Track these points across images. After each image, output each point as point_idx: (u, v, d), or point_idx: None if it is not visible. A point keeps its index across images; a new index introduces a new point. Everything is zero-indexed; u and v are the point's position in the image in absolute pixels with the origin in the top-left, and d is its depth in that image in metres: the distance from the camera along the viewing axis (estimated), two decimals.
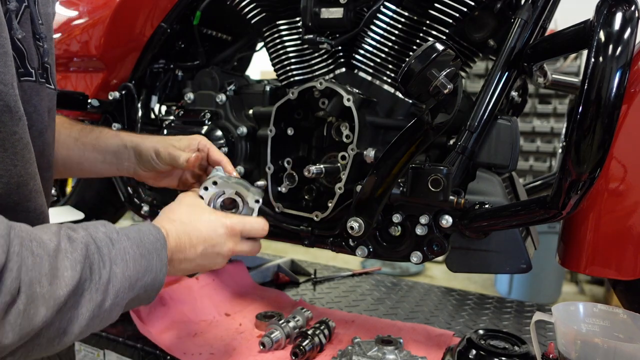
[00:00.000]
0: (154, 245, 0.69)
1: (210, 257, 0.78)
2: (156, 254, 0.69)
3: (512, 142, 0.91)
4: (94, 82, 1.34)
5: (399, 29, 0.99)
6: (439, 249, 0.90)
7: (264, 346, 1.00)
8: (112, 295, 0.62)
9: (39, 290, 0.53)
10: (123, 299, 0.64)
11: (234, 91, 1.21)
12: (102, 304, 0.61)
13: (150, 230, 0.70)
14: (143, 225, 0.71)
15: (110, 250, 0.63)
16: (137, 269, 0.65)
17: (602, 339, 0.73)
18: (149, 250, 0.68)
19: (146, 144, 0.94)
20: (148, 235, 0.69)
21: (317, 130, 1.09)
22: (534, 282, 3.81)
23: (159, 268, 0.69)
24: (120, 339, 1.07)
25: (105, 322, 0.64)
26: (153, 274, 0.68)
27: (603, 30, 0.68)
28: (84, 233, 0.62)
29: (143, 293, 0.68)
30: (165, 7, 1.25)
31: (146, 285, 0.67)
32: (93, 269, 0.60)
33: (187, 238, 0.75)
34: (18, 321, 0.52)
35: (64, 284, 0.56)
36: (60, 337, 0.58)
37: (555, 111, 4.70)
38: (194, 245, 0.76)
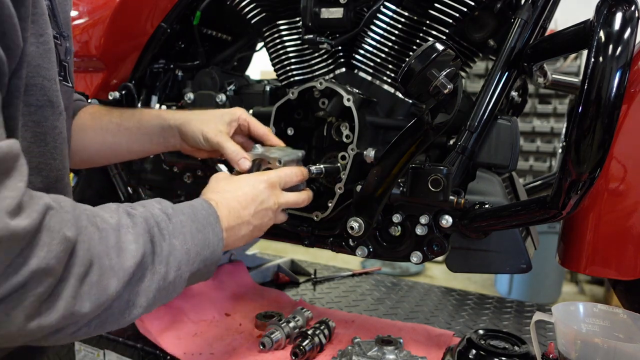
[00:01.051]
0: (207, 220, 0.71)
1: (262, 215, 0.81)
2: (211, 228, 0.71)
3: (512, 142, 0.91)
4: (94, 82, 1.34)
5: (399, 29, 0.99)
6: (439, 249, 0.90)
7: (264, 346, 1.00)
8: (174, 267, 0.64)
9: (108, 263, 0.56)
10: (185, 272, 0.66)
11: (234, 91, 1.21)
12: (166, 276, 0.63)
13: (202, 205, 0.72)
14: (194, 201, 0.73)
15: (167, 225, 0.65)
16: (194, 243, 0.67)
17: (602, 339, 0.73)
18: (204, 225, 0.70)
19: (192, 126, 0.95)
20: (201, 211, 0.71)
21: (317, 130, 1.09)
22: (534, 282, 3.81)
23: (215, 242, 0.71)
24: (120, 339, 1.07)
25: (170, 295, 0.66)
26: (211, 247, 0.70)
27: (603, 30, 0.68)
28: (142, 209, 0.64)
29: (203, 267, 0.70)
30: (165, 7, 1.25)
31: (205, 259, 0.70)
32: (154, 242, 0.62)
33: (236, 203, 0.77)
34: (93, 291, 0.54)
35: (130, 256, 0.58)
36: (129, 309, 0.60)
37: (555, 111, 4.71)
38: (245, 206, 0.78)
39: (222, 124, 0.94)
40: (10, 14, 0.51)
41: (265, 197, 0.81)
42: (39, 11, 0.60)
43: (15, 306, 0.48)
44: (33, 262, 0.48)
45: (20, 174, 0.49)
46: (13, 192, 0.47)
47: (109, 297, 0.56)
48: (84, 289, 0.53)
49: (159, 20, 1.26)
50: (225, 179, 0.84)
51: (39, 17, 0.60)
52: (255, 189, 0.81)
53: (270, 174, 0.85)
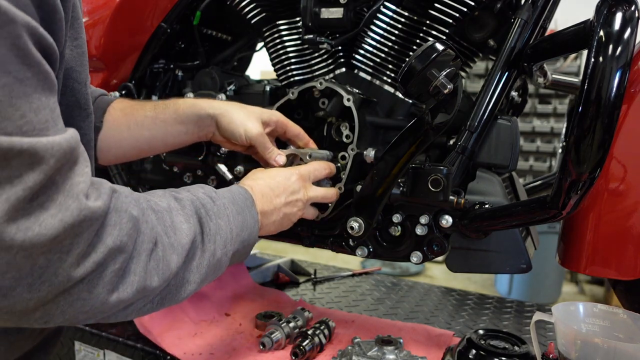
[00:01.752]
0: (245, 203, 0.75)
1: (292, 204, 0.84)
2: (248, 211, 0.75)
3: (512, 142, 0.91)
4: (94, 82, 1.34)
5: (399, 29, 0.99)
6: (439, 249, 0.90)
7: (264, 346, 1.00)
8: (221, 245, 0.68)
9: (168, 240, 0.60)
10: (229, 250, 0.70)
11: (234, 91, 1.21)
12: (214, 253, 0.67)
13: (239, 190, 0.77)
14: (232, 187, 0.78)
15: (212, 207, 0.69)
16: (236, 224, 0.71)
17: (602, 339, 0.73)
18: (242, 208, 0.74)
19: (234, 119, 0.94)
20: (239, 195, 0.75)
21: (317, 130, 1.09)
22: (534, 282, 3.81)
23: (252, 224, 0.76)
24: (120, 339, 1.07)
25: (217, 272, 0.70)
26: (249, 229, 0.75)
27: (603, 30, 0.68)
28: (187, 194, 0.68)
29: (242, 248, 0.74)
30: (165, 7, 1.25)
31: (244, 240, 0.74)
32: (202, 222, 0.66)
33: (269, 190, 0.82)
34: (160, 265, 0.58)
35: (185, 234, 0.62)
36: (185, 286, 0.64)
37: (555, 111, 4.71)
38: (278, 195, 0.82)
39: (262, 122, 0.95)
40: (60, 18, 0.52)
41: (296, 188, 0.85)
42: (76, 15, 0.61)
43: (97, 283, 0.52)
44: (109, 240, 0.52)
45: (85, 159, 0.53)
46: (83, 177, 0.50)
47: (172, 272, 0.60)
48: (152, 264, 0.57)
49: (159, 20, 1.26)
50: (261, 170, 0.89)
51: (75, 21, 0.62)
52: (288, 180, 0.85)
53: (302, 168, 0.89)
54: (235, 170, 1.14)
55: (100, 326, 1.13)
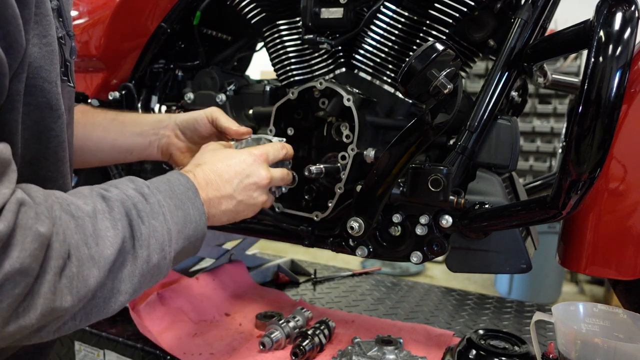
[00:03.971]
0: (185, 195, 0.68)
1: (249, 189, 0.77)
2: (191, 204, 0.68)
3: (512, 142, 0.91)
4: (94, 82, 1.34)
5: (399, 29, 0.99)
6: (439, 249, 0.90)
7: (264, 346, 1.00)
8: (156, 250, 0.62)
9: (87, 252, 0.54)
10: (168, 252, 0.64)
11: (234, 91, 1.21)
12: (149, 259, 0.61)
13: (179, 179, 0.69)
14: (171, 175, 0.70)
15: (145, 207, 0.62)
16: (175, 221, 0.65)
17: (602, 339, 0.73)
18: (182, 201, 0.67)
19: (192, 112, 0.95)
20: (178, 186, 0.68)
21: (317, 130, 1.09)
22: (534, 282, 3.81)
23: (197, 217, 0.68)
24: (120, 339, 1.07)
25: (156, 278, 0.64)
26: (193, 224, 0.68)
27: (603, 30, 0.68)
28: (116, 191, 0.61)
29: (188, 245, 0.68)
30: (165, 7, 1.25)
31: (189, 236, 0.67)
32: (133, 226, 0.60)
33: (215, 176, 0.74)
34: (74, 283, 0.52)
35: (109, 244, 0.56)
36: (114, 297, 0.58)
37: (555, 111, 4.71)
38: (228, 180, 0.75)
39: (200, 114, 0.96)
40: (14, 15, 0.51)
41: (253, 170, 0.78)
42: (43, 12, 0.59)
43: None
44: (6, 264, 0.46)
45: (7, 180, 0.49)
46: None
47: (91, 288, 0.54)
48: (63, 283, 0.51)
49: (159, 20, 1.26)
50: (211, 151, 0.80)
51: (43, 18, 0.59)
52: (242, 162, 0.77)
53: (260, 149, 0.82)
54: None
55: (100, 326, 1.13)
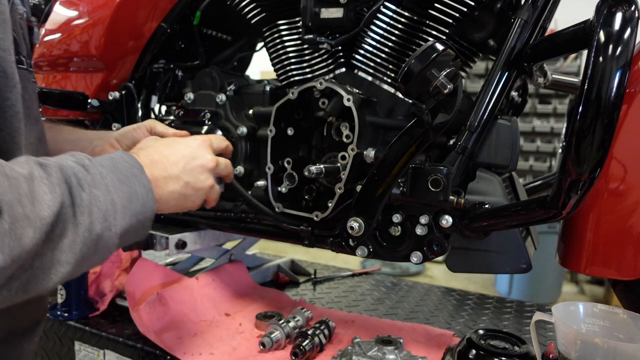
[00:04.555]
0: (130, 171, 0.66)
1: (195, 171, 0.76)
2: (136, 180, 0.66)
3: (512, 142, 0.91)
4: (94, 82, 1.34)
5: (399, 29, 0.99)
6: (439, 249, 0.90)
7: (264, 346, 1.00)
8: (99, 218, 0.59)
9: (21, 211, 0.51)
10: (114, 225, 0.61)
11: (234, 91, 1.21)
12: (91, 227, 0.58)
13: (122, 157, 0.68)
14: (114, 154, 0.68)
15: (85, 176, 0.60)
16: (119, 195, 0.62)
17: (602, 339, 0.73)
18: (127, 177, 0.65)
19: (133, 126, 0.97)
20: (122, 163, 0.66)
21: (317, 130, 1.09)
22: (534, 282, 3.82)
23: (144, 194, 0.66)
24: (120, 339, 1.07)
25: (101, 251, 0.61)
26: (140, 200, 0.65)
27: (603, 30, 0.68)
28: (55, 160, 0.58)
29: (136, 222, 0.65)
30: (165, 7, 1.25)
31: (136, 213, 0.65)
32: (73, 192, 0.57)
33: (161, 157, 0.73)
34: (6, 241, 0.49)
35: (47, 206, 0.53)
36: (55, 268, 0.55)
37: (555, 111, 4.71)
38: (174, 162, 0.74)
39: None
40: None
41: (199, 153, 0.78)
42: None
43: None
44: None
45: None
46: None
47: (26, 249, 0.51)
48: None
49: (159, 21, 1.26)
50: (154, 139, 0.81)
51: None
52: (188, 146, 0.77)
53: (203, 136, 0.82)
54: (234, 171, 1.14)
55: (100, 326, 1.13)
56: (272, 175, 1.07)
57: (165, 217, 1.27)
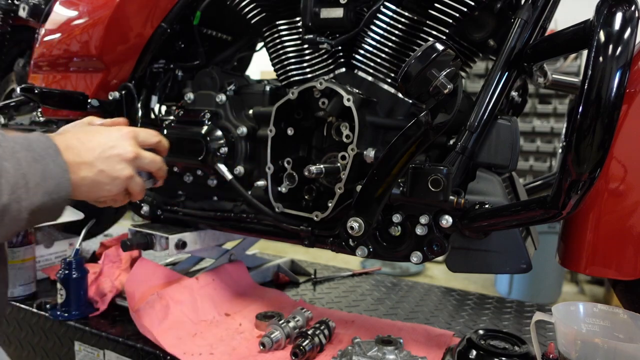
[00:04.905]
0: (46, 152, 0.66)
1: (112, 160, 0.75)
2: (51, 160, 0.66)
3: (512, 142, 0.91)
4: (94, 82, 1.34)
5: (399, 29, 0.99)
6: (439, 249, 0.90)
7: (264, 346, 1.00)
8: (7, 189, 0.59)
9: None
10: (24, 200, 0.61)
11: (234, 91, 1.21)
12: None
13: (38, 138, 0.67)
14: (30, 134, 0.68)
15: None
16: (32, 172, 0.62)
17: (602, 339, 0.73)
18: (42, 156, 0.65)
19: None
20: (37, 142, 0.66)
21: (317, 130, 1.09)
22: (534, 282, 3.82)
23: (59, 174, 0.66)
24: (120, 339, 1.07)
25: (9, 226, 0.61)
26: (54, 180, 0.65)
27: (603, 30, 0.68)
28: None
29: (49, 201, 0.65)
30: (165, 7, 1.25)
31: (50, 191, 0.64)
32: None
33: (77, 142, 0.72)
34: None
35: None
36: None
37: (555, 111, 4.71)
38: (90, 148, 0.72)
39: None
40: None
41: (118, 143, 0.76)
42: None
43: None
44: None
45: None
46: None
47: None
48: None
49: (159, 21, 1.26)
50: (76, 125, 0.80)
51: None
52: (107, 136, 0.76)
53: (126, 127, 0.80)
54: (235, 171, 1.14)
55: (100, 326, 1.13)
56: (272, 175, 1.07)
57: (165, 217, 1.28)
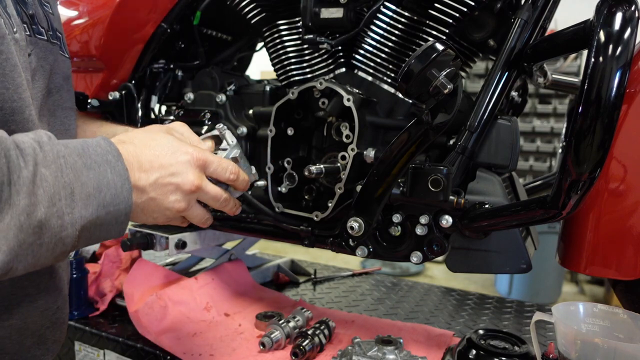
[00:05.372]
0: (103, 158, 0.57)
1: (166, 189, 0.63)
2: (109, 167, 0.56)
3: (512, 142, 0.91)
4: (94, 82, 1.34)
5: (399, 29, 0.99)
6: (439, 249, 0.90)
7: (264, 346, 1.00)
8: (44, 202, 0.50)
9: None
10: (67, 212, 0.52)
11: (234, 91, 1.21)
12: (32, 211, 0.49)
13: (98, 142, 0.58)
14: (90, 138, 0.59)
15: (35, 152, 0.51)
16: (81, 181, 0.53)
17: (602, 339, 0.73)
18: (97, 162, 0.56)
19: None
20: (95, 147, 0.57)
21: (317, 130, 1.09)
22: (534, 282, 3.82)
23: (118, 183, 0.56)
24: (120, 339, 1.07)
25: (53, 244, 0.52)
26: (112, 190, 0.56)
27: (603, 30, 0.68)
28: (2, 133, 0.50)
29: (105, 215, 0.56)
30: (165, 7, 1.25)
31: (106, 204, 0.55)
32: (10, 167, 0.48)
33: (135, 160, 0.62)
34: None
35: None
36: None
37: (555, 111, 4.71)
38: (146, 170, 0.62)
39: None
40: None
41: (181, 170, 0.65)
42: None
43: None
44: None
45: None
46: None
47: None
48: None
49: (159, 21, 1.26)
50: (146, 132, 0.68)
51: None
52: (172, 158, 0.64)
53: (203, 153, 0.68)
54: None
55: (100, 326, 1.13)
56: (272, 175, 1.07)
57: None
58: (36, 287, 0.69)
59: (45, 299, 0.70)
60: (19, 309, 0.66)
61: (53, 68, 0.72)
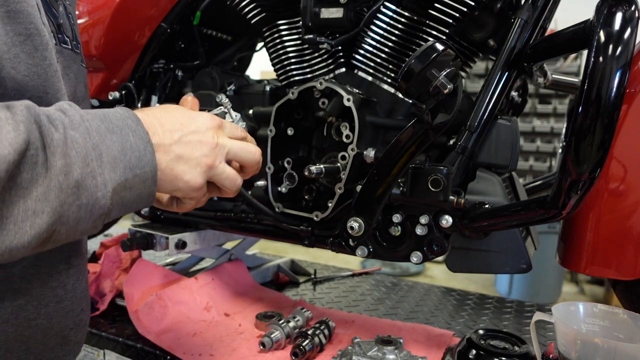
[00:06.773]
0: (124, 122, 0.57)
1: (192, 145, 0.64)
2: (130, 131, 0.57)
3: (512, 142, 0.91)
4: (94, 82, 1.34)
5: (399, 29, 0.99)
6: (439, 249, 0.90)
7: (264, 346, 1.00)
8: (78, 162, 0.51)
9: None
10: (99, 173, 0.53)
11: (234, 91, 1.21)
12: (68, 171, 0.50)
13: (116, 110, 0.60)
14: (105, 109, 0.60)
15: (62, 117, 0.52)
16: (107, 144, 0.54)
17: (602, 339, 0.73)
18: (119, 127, 0.57)
19: None
20: (114, 113, 0.58)
21: (317, 130, 1.09)
22: (534, 282, 3.82)
23: (141, 146, 0.57)
24: (120, 339, 1.07)
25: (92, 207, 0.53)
26: (136, 152, 0.57)
27: (603, 30, 0.68)
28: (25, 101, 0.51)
29: (133, 178, 0.57)
30: (165, 7, 1.25)
31: (132, 166, 0.56)
32: (43, 131, 0.49)
33: (156, 121, 0.62)
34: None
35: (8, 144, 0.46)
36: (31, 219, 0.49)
37: (555, 111, 4.71)
38: (169, 130, 0.63)
39: None
40: None
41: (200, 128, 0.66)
42: None
43: None
44: None
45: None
46: None
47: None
48: None
49: (159, 20, 1.26)
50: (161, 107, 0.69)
51: None
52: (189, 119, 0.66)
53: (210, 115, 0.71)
54: None
55: (100, 326, 1.13)
56: (272, 175, 1.07)
57: (165, 217, 1.28)
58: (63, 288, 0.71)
59: (72, 300, 0.72)
60: (47, 309, 0.68)
61: (77, 77, 0.73)
